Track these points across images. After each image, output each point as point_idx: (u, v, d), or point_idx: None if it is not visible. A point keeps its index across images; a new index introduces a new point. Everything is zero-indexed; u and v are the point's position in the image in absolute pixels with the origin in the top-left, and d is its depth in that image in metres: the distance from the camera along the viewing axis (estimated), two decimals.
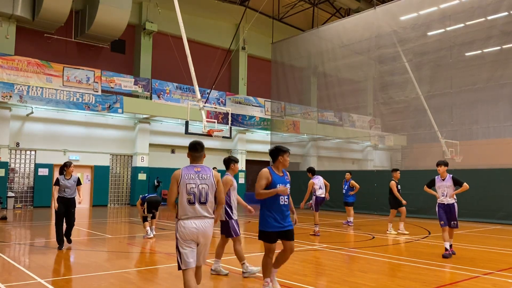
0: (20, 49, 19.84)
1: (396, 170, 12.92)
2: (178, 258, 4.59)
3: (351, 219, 14.37)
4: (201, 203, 4.61)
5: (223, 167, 7.62)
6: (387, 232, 12.04)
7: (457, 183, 8.59)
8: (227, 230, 6.68)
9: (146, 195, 11.41)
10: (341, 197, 15.25)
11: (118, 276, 6.68)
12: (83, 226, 13.96)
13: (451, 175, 8.75)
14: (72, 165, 9.26)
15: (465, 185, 8.52)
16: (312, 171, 12.37)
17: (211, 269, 6.81)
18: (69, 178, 9.11)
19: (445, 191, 8.64)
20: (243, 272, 6.61)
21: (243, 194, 26.68)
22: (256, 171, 28.44)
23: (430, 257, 8.34)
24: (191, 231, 4.49)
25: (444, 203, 8.63)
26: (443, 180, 8.76)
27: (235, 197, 7.04)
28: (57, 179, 9.05)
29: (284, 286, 6.02)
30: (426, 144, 22.56)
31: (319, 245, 9.89)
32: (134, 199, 22.03)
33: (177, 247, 4.55)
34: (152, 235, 10.86)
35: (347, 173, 14.90)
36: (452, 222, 8.52)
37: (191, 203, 4.61)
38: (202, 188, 4.74)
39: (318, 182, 12.11)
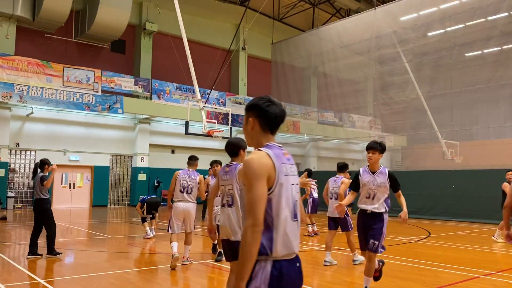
0: (20, 49, 19.84)
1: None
2: (169, 225, 7.39)
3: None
4: (187, 193, 7.28)
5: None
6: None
7: (393, 185, 5.48)
8: (344, 225, 7.82)
9: (145, 197, 11.43)
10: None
11: (118, 276, 6.67)
12: (83, 226, 13.96)
13: (387, 169, 5.58)
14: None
15: (403, 199, 5.57)
16: (309, 172, 12.36)
17: (325, 261, 7.57)
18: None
19: (372, 192, 5.43)
20: (353, 260, 7.67)
21: None
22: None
23: (430, 257, 8.34)
24: (179, 209, 7.25)
25: (366, 210, 5.44)
26: (373, 173, 5.48)
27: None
28: (45, 177, 8.09)
29: None
30: (426, 144, 22.56)
31: (318, 245, 9.88)
32: (134, 199, 22.02)
33: (170, 219, 7.36)
34: (152, 235, 10.86)
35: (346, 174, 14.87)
36: (371, 241, 5.32)
37: (181, 192, 7.32)
38: (189, 184, 7.33)
39: (315, 184, 12.13)
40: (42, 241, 8.22)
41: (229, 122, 19.30)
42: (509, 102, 20.83)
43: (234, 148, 4.61)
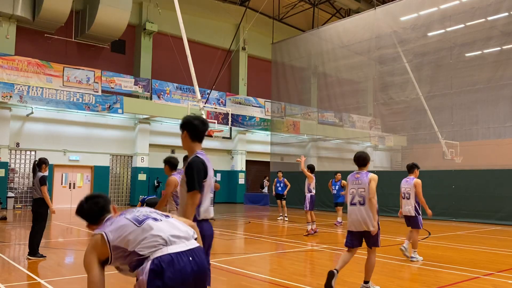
0: (20, 49, 19.84)
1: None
2: None
3: (339, 219, 14.39)
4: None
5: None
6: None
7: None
8: (415, 223, 8.04)
9: (145, 197, 11.43)
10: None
11: (118, 276, 6.65)
12: (83, 226, 13.95)
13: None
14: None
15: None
16: (312, 168, 12.45)
17: (412, 257, 7.91)
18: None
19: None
20: (411, 257, 7.94)
21: (243, 194, 26.68)
22: (256, 172, 28.44)
23: (430, 257, 8.33)
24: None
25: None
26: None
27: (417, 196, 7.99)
28: (45, 177, 8.01)
29: (284, 286, 6.01)
30: (426, 144, 22.54)
31: (318, 246, 9.88)
32: (134, 199, 22.03)
33: None
34: None
35: (337, 174, 14.87)
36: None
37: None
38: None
39: (314, 180, 12.26)
40: (42, 241, 8.21)
41: (229, 122, 19.32)
42: (509, 102, 20.81)
43: (365, 161, 6.08)
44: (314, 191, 12.09)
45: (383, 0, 23.97)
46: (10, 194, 19.17)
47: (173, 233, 2.50)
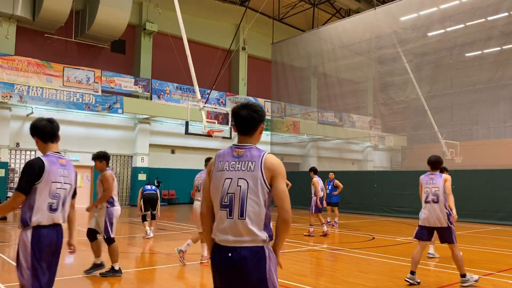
0: (20, 49, 19.84)
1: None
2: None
3: (336, 219, 14.27)
4: (197, 191, 7.53)
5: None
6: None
7: None
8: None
9: (145, 186, 11.44)
10: (342, 198, 15.23)
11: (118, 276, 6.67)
12: (83, 226, 13.95)
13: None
14: None
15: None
16: (315, 171, 12.26)
17: (428, 253, 8.21)
18: None
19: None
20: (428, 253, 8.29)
21: None
22: None
23: (430, 257, 8.33)
24: (195, 207, 7.52)
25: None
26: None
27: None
28: None
29: (284, 286, 6.01)
30: (426, 144, 22.53)
31: (318, 246, 9.88)
32: (134, 199, 22.02)
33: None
34: (151, 235, 10.87)
35: (330, 173, 14.75)
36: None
37: (195, 191, 7.98)
38: (198, 183, 7.54)
39: (320, 182, 12.00)
40: None
41: (229, 122, 19.31)
42: (509, 102, 20.84)
43: (439, 164, 6.58)
44: (321, 193, 11.87)
45: (383, 0, 23.97)
46: (10, 194, 19.16)
47: None
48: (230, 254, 2.51)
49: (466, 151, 20.00)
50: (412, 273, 6.10)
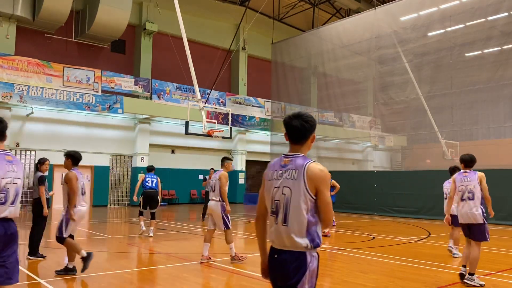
0: (20, 49, 19.84)
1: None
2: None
3: (333, 218, 14.28)
4: (212, 191, 7.84)
5: (220, 167, 8.14)
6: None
7: None
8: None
9: (146, 180, 11.36)
10: (342, 198, 15.21)
11: (118, 276, 6.68)
12: (83, 226, 13.95)
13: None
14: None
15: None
16: None
17: (454, 253, 8.60)
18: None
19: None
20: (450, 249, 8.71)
21: (243, 194, 26.69)
22: (256, 172, 28.42)
23: (431, 257, 8.34)
24: (209, 206, 7.92)
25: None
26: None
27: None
28: (44, 177, 8.10)
29: None
30: (426, 144, 22.55)
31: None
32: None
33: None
34: (144, 229, 11.00)
35: None
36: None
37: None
38: (213, 183, 7.87)
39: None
40: (42, 241, 8.21)
41: (229, 122, 19.31)
42: (509, 102, 20.82)
43: (473, 162, 6.77)
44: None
45: (383, 0, 23.97)
46: None
47: None
48: (276, 256, 2.71)
49: (466, 151, 19.94)
50: (470, 274, 6.12)
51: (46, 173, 8.28)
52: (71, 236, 6.81)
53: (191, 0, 23.98)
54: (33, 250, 7.80)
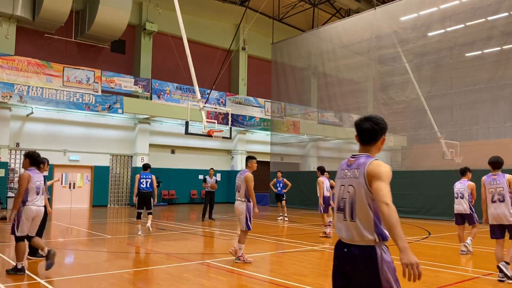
0: (20, 49, 19.84)
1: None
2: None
3: (330, 218, 14.22)
4: (237, 191, 8.04)
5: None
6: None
7: None
8: (471, 219, 9.17)
9: (141, 181, 11.47)
10: None
11: (118, 276, 6.68)
12: (83, 226, 13.96)
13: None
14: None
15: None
16: (322, 170, 12.12)
17: (462, 250, 8.90)
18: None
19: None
20: (462, 251, 8.95)
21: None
22: (256, 172, 28.27)
23: (430, 257, 8.34)
24: (235, 206, 8.07)
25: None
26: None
27: None
28: (43, 178, 7.50)
29: (284, 286, 6.01)
30: (426, 144, 22.54)
31: (318, 245, 9.88)
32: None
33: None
34: (140, 233, 11.09)
35: (325, 173, 14.69)
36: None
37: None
38: (238, 184, 8.08)
39: (326, 182, 11.91)
40: (44, 239, 8.20)
41: (229, 122, 19.31)
42: (509, 102, 20.81)
43: (501, 164, 6.93)
44: (327, 193, 11.79)
45: (383, 0, 23.97)
46: (10, 194, 19.16)
47: None
48: (345, 250, 2.84)
49: (466, 151, 19.98)
50: (500, 270, 6.37)
51: (46, 173, 8.25)
52: (38, 234, 7.03)
53: (191, 0, 23.98)
54: (33, 250, 7.80)
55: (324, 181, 11.66)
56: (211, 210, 15.84)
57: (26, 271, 6.72)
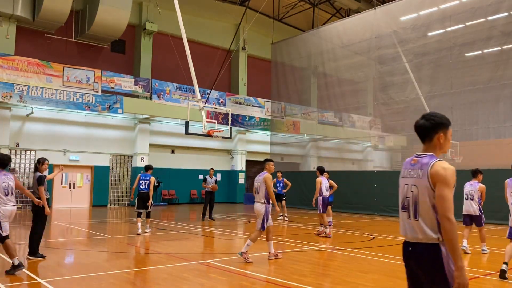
0: (20, 49, 19.84)
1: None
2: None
3: (330, 218, 14.19)
4: (257, 193, 8.10)
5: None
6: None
7: None
8: (479, 221, 9.36)
9: (140, 182, 11.62)
10: (342, 198, 15.20)
11: (118, 276, 6.68)
12: (83, 226, 13.96)
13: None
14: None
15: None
16: (321, 170, 12.10)
17: (463, 245, 8.98)
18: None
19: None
20: (482, 250, 9.22)
21: (243, 194, 26.69)
22: (256, 172, 28.28)
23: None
24: (255, 208, 8.09)
25: None
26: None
27: None
28: (43, 177, 7.96)
29: (284, 286, 6.02)
30: None
31: (318, 245, 9.89)
32: (134, 199, 22.00)
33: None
34: (148, 231, 11.12)
35: (325, 173, 14.69)
36: None
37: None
38: (257, 186, 8.13)
39: (325, 182, 11.90)
40: (42, 241, 8.21)
41: (229, 122, 19.31)
42: (509, 102, 20.80)
43: None
44: (326, 193, 11.79)
45: (383, 0, 23.97)
46: None
47: None
48: (410, 248, 2.89)
49: (466, 151, 19.99)
50: (505, 263, 6.62)
51: (46, 173, 8.25)
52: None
53: (191, 0, 23.98)
54: (33, 250, 7.80)
55: (323, 181, 11.66)
56: (211, 210, 15.83)
57: (26, 271, 6.73)
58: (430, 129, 2.92)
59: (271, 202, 8.03)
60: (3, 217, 6.79)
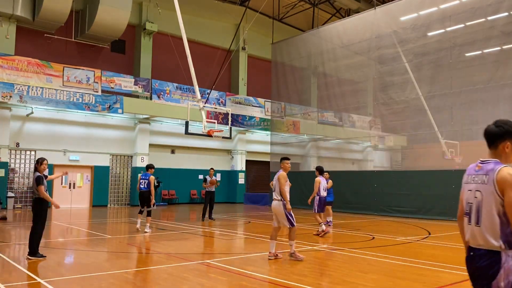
0: (20, 49, 19.84)
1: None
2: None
3: (330, 218, 14.20)
4: (274, 191, 8.21)
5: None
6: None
7: None
8: None
9: (141, 182, 11.67)
10: (342, 198, 15.20)
11: (118, 276, 6.68)
12: (83, 226, 13.96)
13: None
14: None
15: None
16: (320, 170, 12.12)
17: None
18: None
19: None
20: None
21: (243, 194, 26.69)
22: (256, 172, 28.44)
23: (430, 257, 8.34)
24: (272, 205, 8.28)
25: None
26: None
27: None
28: (41, 177, 7.91)
29: (284, 286, 6.02)
30: (426, 144, 22.51)
31: (318, 245, 9.89)
32: (134, 199, 22.03)
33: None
34: (148, 231, 11.15)
35: (325, 173, 14.65)
36: None
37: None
38: (274, 183, 8.26)
39: (323, 182, 11.91)
40: (42, 241, 8.21)
41: (229, 122, 19.31)
42: (509, 102, 20.79)
43: None
44: (324, 193, 11.80)
45: (383, 0, 23.97)
46: (10, 194, 19.17)
47: None
48: (471, 253, 2.88)
49: (466, 151, 19.98)
50: None
51: (46, 173, 8.25)
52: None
53: (191, 0, 23.98)
54: (33, 250, 7.80)
55: (321, 181, 11.69)
56: (211, 210, 15.83)
57: (26, 271, 6.73)
58: (497, 136, 2.86)
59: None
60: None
